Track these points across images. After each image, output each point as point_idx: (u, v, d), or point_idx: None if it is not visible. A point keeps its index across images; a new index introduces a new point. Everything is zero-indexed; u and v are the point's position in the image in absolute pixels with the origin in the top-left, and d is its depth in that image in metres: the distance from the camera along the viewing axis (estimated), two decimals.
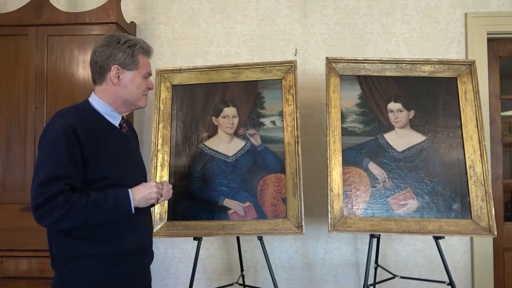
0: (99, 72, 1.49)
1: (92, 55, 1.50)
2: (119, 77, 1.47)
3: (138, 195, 1.43)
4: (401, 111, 2.11)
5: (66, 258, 1.39)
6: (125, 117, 1.59)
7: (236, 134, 2.14)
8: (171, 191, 1.59)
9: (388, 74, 2.13)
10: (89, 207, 1.32)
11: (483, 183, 1.98)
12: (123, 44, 1.47)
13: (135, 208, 1.42)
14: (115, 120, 1.52)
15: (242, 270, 2.32)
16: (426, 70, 2.13)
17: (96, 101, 1.50)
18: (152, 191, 1.45)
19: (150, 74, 1.57)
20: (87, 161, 1.37)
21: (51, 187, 1.30)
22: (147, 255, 1.59)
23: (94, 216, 1.34)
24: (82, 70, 2.34)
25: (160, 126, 2.17)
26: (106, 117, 1.50)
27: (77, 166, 1.35)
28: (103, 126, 1.48)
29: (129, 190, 1.42)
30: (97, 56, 1.48)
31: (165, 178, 2.09)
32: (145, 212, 1.57)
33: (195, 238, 2.02)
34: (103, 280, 1.41)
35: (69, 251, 1.38)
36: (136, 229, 1.50)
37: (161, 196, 1.51)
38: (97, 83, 1.51)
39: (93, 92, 1.53)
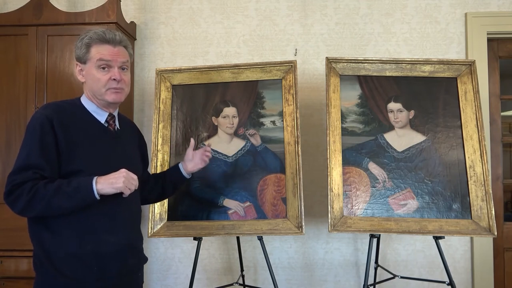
0: None
1: None
2: (82, 73, 1.50)
3: (103, 178, 1.34)
4: (401, 111, 2.11)
5: (44, 257, 1.37)
6: (115, 114, 1.56)
7: (236, 134, 2.14)
8: (135, 180, 1.39)
9: (388, 74, 2.13)
10: (52, 191, 1.30)
11: (483, 183, 1.98)
12: (79, 40, 1.48)
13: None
14: (101, 117, 1.51)
15: (242, 270, 2.32)
16: (426, 70, 2.13)
17: (84, 99, 1.53)
18: (119, 175, 1.34)
19: (106, 61, 1.44)
20: (62, 153, 1.37)
21: (19, 175, 1.32)
22: (130, 258, 1.49)
23: (57, 200, 1.30)
24: None
25: (160, 126, 2.16)
26: (93, 114, 1.51)
27: (49, 157, 1.35)
28: (88, 122, 1.48)
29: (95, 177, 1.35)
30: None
31: None
32: (127, 211, 1.50)
33: (195, 238, 2.02)
34: (77, 283, 1.36)
35: (47, 248, 1.37)
36: (114, 229, 1.44)
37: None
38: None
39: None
